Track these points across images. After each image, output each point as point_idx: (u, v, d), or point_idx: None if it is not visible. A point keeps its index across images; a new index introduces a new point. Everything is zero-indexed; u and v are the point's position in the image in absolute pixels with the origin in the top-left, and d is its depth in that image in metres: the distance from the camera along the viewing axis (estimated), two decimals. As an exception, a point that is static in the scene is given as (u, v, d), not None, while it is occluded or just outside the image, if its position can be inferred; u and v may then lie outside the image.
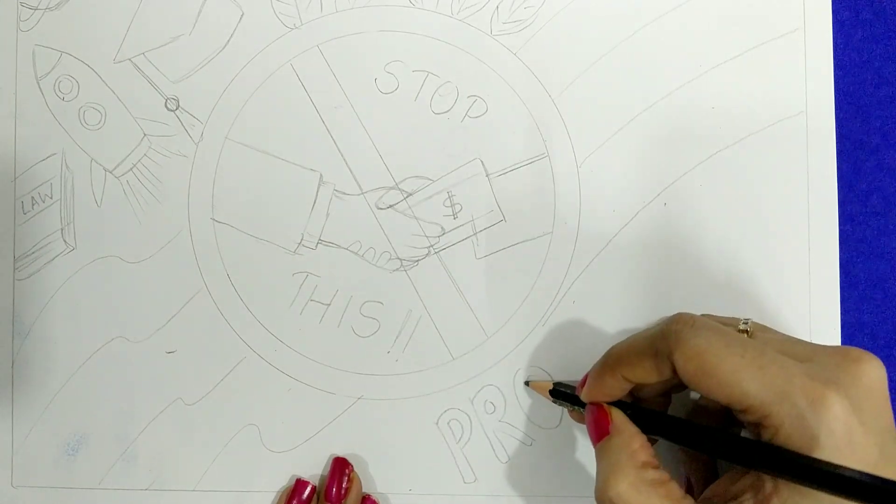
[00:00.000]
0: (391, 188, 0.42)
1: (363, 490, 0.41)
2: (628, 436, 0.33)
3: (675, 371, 0.32)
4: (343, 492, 0.40)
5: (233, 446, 0.42)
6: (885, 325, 0.42)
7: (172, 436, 0.42)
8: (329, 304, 0.42)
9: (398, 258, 0.42)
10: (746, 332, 0.34)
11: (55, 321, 0.42)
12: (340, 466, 0.41)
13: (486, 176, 0.42)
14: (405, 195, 0.42)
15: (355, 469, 0.41)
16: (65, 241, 0.42)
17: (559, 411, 0.41)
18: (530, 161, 0.42)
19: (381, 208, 0.42)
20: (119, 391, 0.42)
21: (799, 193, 0.41)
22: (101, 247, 0.42)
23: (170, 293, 0.42)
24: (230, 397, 0.42)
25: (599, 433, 0.34)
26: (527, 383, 0.41)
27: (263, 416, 0.42)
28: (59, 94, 0.42)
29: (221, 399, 0.42)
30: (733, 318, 0.36)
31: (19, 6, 0.43)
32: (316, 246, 0.42)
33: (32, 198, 0.42)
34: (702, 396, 0.37)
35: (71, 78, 0.42)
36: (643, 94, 0.41)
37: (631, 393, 0.36)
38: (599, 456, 0.34)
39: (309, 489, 0.41)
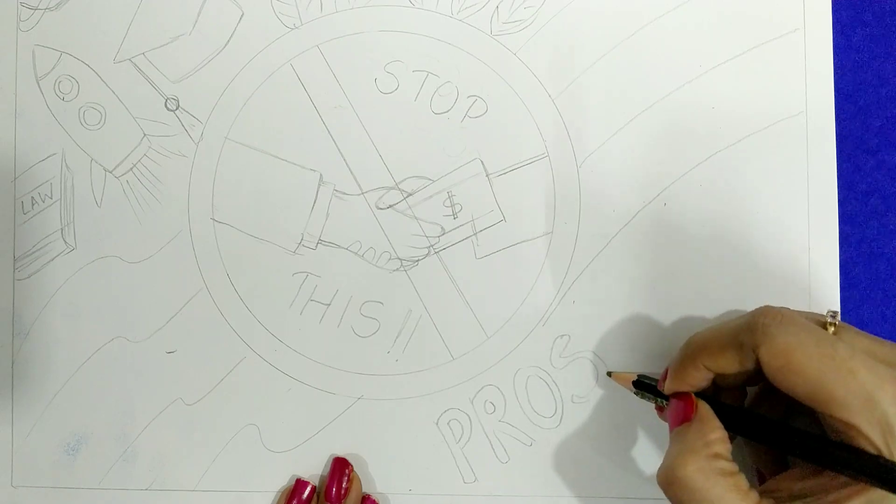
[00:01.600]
0: (391, 188, 0.42)
1: (363, 490, 0.41)
2: (708, 426, 0.33)
3: (758, 364, 0.31)
4: (343, 492, 0.40)
5: (233, 446, 0.42)
6: (885, 325, 0.42)
7: (172, 436, 0.42)
8: (329, 304, 0.42)
9: (398, 258, 0.42)
10: (834, 325, 0.34)
11: (55, 321, 0.42)
12: (340, 466, 0.41)
13: (486, 176, 0.42)
14: (405, 195, 0.42)
15: (355, 469, 0.41)
16: (65, 241, 0.42)
17: (559, 411, 0.41)
18: (530, 161, 0.42)
19: (381, 208, 0.42)
20: (119, 391, 0.42)
21: (799, 193, 0.41)
22: (101, 247, 0.42)
23: (170, 293, 0.42)
24: (230, 397, 0.42)
25: (680, 419, 0.34)
26: (609, 374, 0.41)
27: (263, 416, 0.42)
28: (59, 94, 0.42)
29: (221, 399, 0.42)
30: (816, 314, 0.35)
31: (19, 6, 0.43)
32: (316, 246, 0.42)
33: (32, 198, 0.42)
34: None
35: (71, 78, 0.42)
36: (643, 94, 0.41)
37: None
38: (674, 439, 0.34)
39: (309, 489, 0.41)
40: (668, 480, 0.32)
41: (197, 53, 0.42)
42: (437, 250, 0.42)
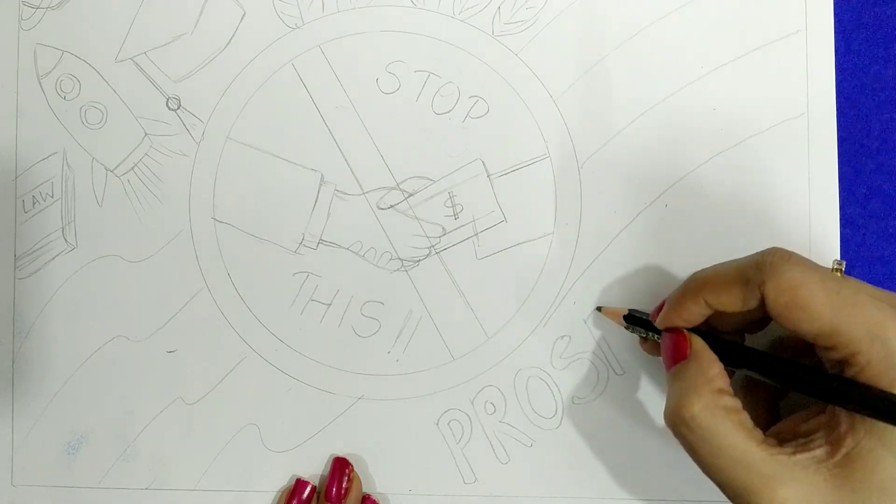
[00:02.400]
0: (392, 188, 0.42)
1: (363, 490, 0.41)
2: (706, 361, 0.33)
3: (761, 302, 0.31)
4: (343, 492, 0.40)
5: (233, 446, 0.42)
6: (886, 328, 0.42)
7: (173, 435, 0.42)
8: (330, 304, 0.42)
9: (399, 258, 0.42)
10: (840, 272, 0.33)
11: (56, 320, 0.42)
12: (340, 466, 0.41)
13: (488, 176, 0.42)
14: (406, 195, 0.42)
15: (355, 469, 0.41)
16: (66, 240, 0.42)
17: (559, 412, 0.41)
18: (531, 162, 0.42)
19: (383, 208, 0.42)
20: (119, 390, 0.42)
21: (800, 195, 0.41)
22: (101, 246, 0.42)
23: (170, 292, 0.42)
24: (231, 397, 0.42)
25: (676, 357, 0.34)
26: (598, 309, 0.41)
27: (264, 416, 0.42)
28: (61, 93, 0.42)
29: (222, 398, 0.42)
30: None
31: (21, 5, 0.43)
32: (317, 246, 0.42)
33: (33, 197, 0.42)
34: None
35: (72, 77, 0.42)
36: (644, 95, 0.41)
37: (706, 324, 0.36)
38: (673, 379, 0.33)
39: (309, 489, 0.41)
40: (675, 421, 0.32)
41: (198, 53, 0.42)
42: (437, 251, 0.42)
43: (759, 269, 0.32)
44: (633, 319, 0.38)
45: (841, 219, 0.41)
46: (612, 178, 0.41)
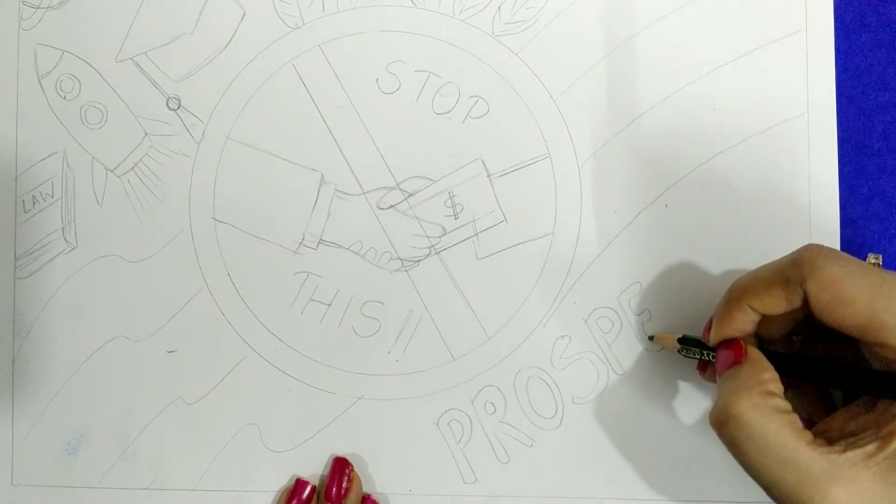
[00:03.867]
0: (392, 188, 0.42)
1: (363, 490, 0.41)
2: (760, 366, 0.33)
3: (805, 301, 0.31)
4: (343, 492, 0.40)
5: (233, 446, 0.42)
6: (886, 328, 0.42)
7: (173, 435, 0.42)
8: (330, 304, 0.42)
9: (399, 258, 0.42)
10: (878, 265, 0.34)
11: (56, 320, 0.42)
12: (340, 466, 0.41)
13: (488, 176, 0.42)
14: (406, 195, 0.42)
15: (355, 469, 0.41)
16: (66, 239, 0.42)
17: (560, 412, 0.41)
18: (532, 162, 0.42)
19: (383, 208, 0.42)
20: (120, 390, 0.42)
21: (800, 195, 0.41)
22: (102, 246, 0.42)
23: (171, 292, 0.42)
24: (231, 397, 0.42)
25: (730, 363, 0.33)
26: (651, 338, 0.40)
27: (264, 416, 0.42)
28: (61, 92, 0.42)
29: (222, 398, 0.42)
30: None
31: (21, 5, 0.43)
32: (317, 246, 0.42)
33: (34, 196, 0.42)
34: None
35: (72, 77, 0.42)
36: (645, 94, 0.41)
37: (756, 336, 0.35)
38: (724, 381, 0.33)
39: (309, 489, 0.41)
40: (722, 419, 0.31)
41: (199, 53, 0.42)
42: (438, 250, 0.42)
43: (798, 267, 0.31)
44: (688, 341, 0.38)
45: (841, 219, 0.41)
46: (612, 178, 0.41)
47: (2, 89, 0.43)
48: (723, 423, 0.31)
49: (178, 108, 0.42)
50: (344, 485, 0.40)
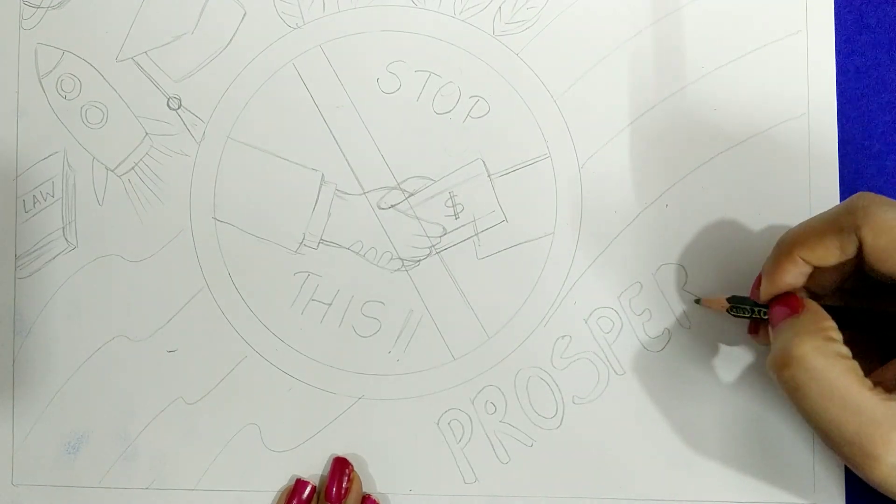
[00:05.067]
0: (393, 188, 0.42)
1: (363, 490, 0.41)
2: (819, 314, 0.32)
3: (858, 251, 0.31)
4: (343, 492, 0.40)
5: (233, 445, 0.42)
6: (886, 328, 0.42)
7: (173, 435, 0.42)
8: (330, 304, 0.42)
9: (399, 258, 0.42)
10: None
11: (56, 320, 0.42)
12: (340, 466, 0.41)
13: (488, 176, 0.42)
14: (407, 195, 0.42)
15: (355, 469, 0.41)
16: (66, 239, 0.42)
17: (560, 412, 0.41)
18: (532, 162, 0.42)
19: (383, 208, 0.42)
20: (120, 390, 0.42)
21: (801, 196, 0.41)
22: (102, 245, 0.42)
23: (171, 292, 0.42)
24: (231, 396, 0.42)
25: (786, 313, 0.33)
26: (697, 301, 0.40)
27: (264, 416, 0.42)
28: (62, 92, 0.42)
29: (222, 398, 0.42)
30: None
31: (21, 5, 0.43)
32: (317, 245, 0.42)
33: (34, 196, 0.42)
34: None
35: (73, 76, 0.42)
36: (645, 94, 0.41)
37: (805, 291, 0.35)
38: (781, 330, 0.32)
39: (309, 489, 0.41)
40: (783, 361, 0.31)
41: (199, 52, 0.42)
42: (438, 250, 0.42)
43: (852, 214, 0.31)
44: (738, 300, 0.37)
45: (841, 219, 0.41)
46: (613, 178, 0.41)
47: (2, 89, 0.43)
48: (784, 366, 0.31)
49: (179, 107, 0.42)
50: (344, 485, 0.40)
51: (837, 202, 0.41)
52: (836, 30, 0.41)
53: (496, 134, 0.42)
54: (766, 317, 0.36)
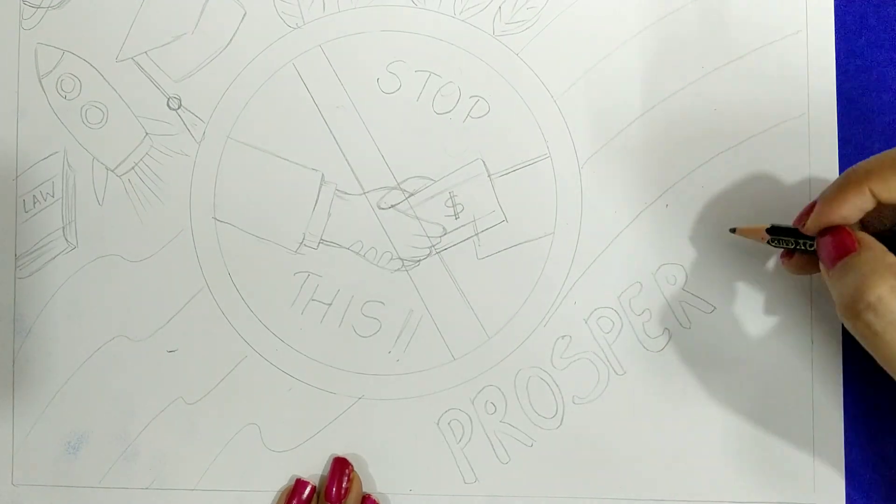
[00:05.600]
0: (393, 188, 0.42)
1: (363, 490, 0.41)
2: (881, 250, 0.30)
3: None
4: (343, 492, 0.40)
5: (233, 445, 0.42)
6: (886, 328, 0.42)
7: (173, 435, 0.42)
8: (330, 304, 0.42)
9: (399, 258, 0.42)
10: None
11: (56, 320, 0.42)
12: (340, 466, 0.41)
13: (488, 176, 0.42)
14: (407, 195, 0.42)
15: (355, 469, 0.41)
16: (66, 239, 0.42)
17: (560, 412, 0.41)
18: (532, 162, 0.42)
19: (383, 208, 0.42)
20: (120, 390, 0.42)
21: (801, 194, 0.41)
22: (102, 245, 0.42)
23: (171, 292, 0.42)
24: (231, 396, 0.42)
25: (842, 252, 0.31)
26: (732, 230, 0.38)
27: (264, 416, 0.42)
28: (62, 92, 0.42)
29: (222, 398, 0.42)
30: None
31: (21, 5, 0.43)
32: (317, 245, 0.42)
33: (34, 196, 0.42)
34: None
35: (73, 76, 0.42)
36: (645, 95, 0.41)
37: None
38: (843, 271, 0.31)
39: (309, 489, 0.41)
40: (858, 307, 0.29)
41: (199, 52, 0.42)
42: (438, 250, 0.42)
43: None
44: (780, 231, 0.35)
45: (841, 219, 0.41)
46: (613, 178, 0.41)
47: (2, 89, 0.43)
48: (860, 313, 0.29)
49: (179, 107, 0.42)
50: (344, 485, 0.40)
51: (837, 202, 0.41)
52: (836, 30, 0.41)
53: (496, 134, 0.42)
54: (811, 248, 0.34)
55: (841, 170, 0.41)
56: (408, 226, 0.42)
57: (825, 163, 0.41)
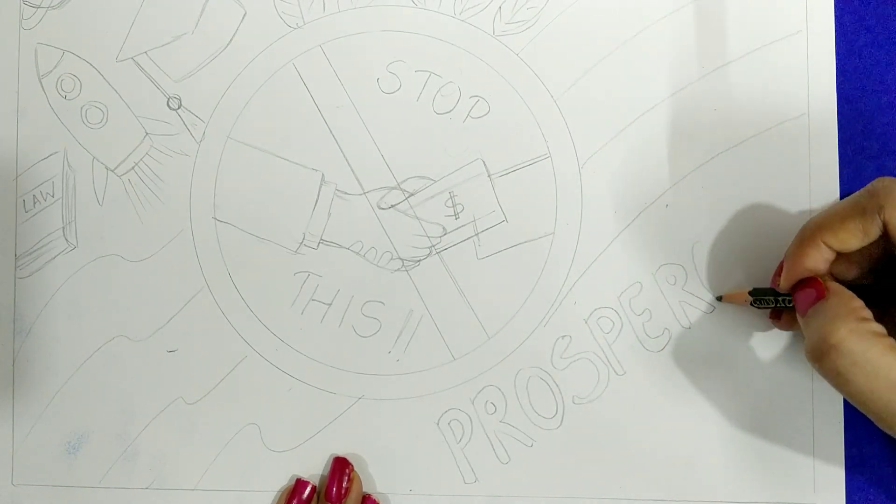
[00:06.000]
0: (393, 188, 0.42)
1: (363, 490, 0.41)
2: (847, 296, 0.32)
3: (883, 232, 0.31)
4: (343, 492, 0.40)
5: (233, 445, 0.42)
6: (886, 328, 0.42)
7: (173, 435, 0.42)
8: (330, 304, 0.42)
9: (400, 258, 0.42)
10: None
11: (56, 320, 0.42)
12: (341, 466, 0.41)
13: (488, 176, 0.42)
14: (407, 195, 0.42)
15: (355, 469, 0.41)
16: (66, 239, 0.42)
17: (560, 412, 0.41)
18: (532, 162, 0.42)
19: (383, 208, 0.42)
20: (120, 390, 0.42)
21: (801, 195, 0.41)
22: (102, 245, 0.42)
23: (171, 292, 0.42)
24: (231, 396, 0.42)
25: (812, 299, 0.33)
26: (719, 298, 0.40)
27: (264, 416, 0.42)
28: (62, 92, 0.42)
29: (222, 398, 0.42)
30: None
31: (22, 4, 0.43)
32: (318, 245, 0.42)
33: (34, 196, 0.42)
34: None
35: (73, 76, 0.42)
36: (645, 95, 0.41)
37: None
38: (812, 317, 0.33)
39: (309, 489, 0.41)
40: (822, 350, 0.31)
41: (199, 52, 0.42)
42: (438, 250, 0.42)
43: (874, 196, 0.31)
44: (760, 292, 0.38)
45: (841, 219, 0.41)
46: (613, 178, 0.41)
47: (2, 89, 0.43)
48: (824, 355, 0.31)
49: (179, 107, 0.42)
50: (344, 485, 0.40)
51: (838, 200, 0.41)
52: (836, 30, 0.41)
53: (496, 134, 0.42)
54: (790, 305, 0.36)
55: (841, 170, 0.41)
56: (408, 226, 0.42)
57: (825, 163, 0.41)
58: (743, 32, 0.41)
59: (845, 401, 0.40)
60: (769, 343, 0.40)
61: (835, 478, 0.40)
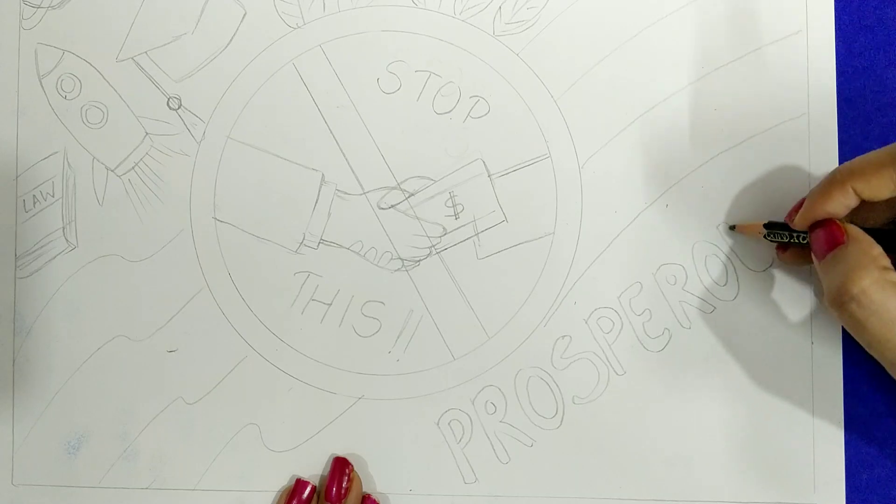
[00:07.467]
0: (393, 188, 0.42)
1: (363, 490, 0.41)
2: (867, 243, 0.32)
3: None
4: (343, 492, 0.40)
5: (233, 445, 0.42)
6: (886, 328, 0.42)
7: (173, 435, 0.42)
8: (330, 304, 0.42)
9: (400, 258, 0.42)
10: None
11: (56, 319, 0.42)
12: (341, 466, 0.41)
13: (488, 176, 0.42)
14: (407, 195, 0.42)
15: (355, 469, 0.41)
16: (66, 239, 0.42)
17: (560, 412, 0.41)
18: (532, 162, 0.42)
19: (383, 208, 0.42)
20: (120, 390, 0.42)
21: (801, 194, 0.41)
22: (102, 245, 0.42)
23: (171, 292, 0.42)
24: (231, 396, 0.42)
25: (831, 244, 0.33)
26: (732, 227, 0.40)
27: (264, 416, 0.42)
28: (62, 92, 0.42)
29: (222, 398, 0.42)
30: None
31: (22, 4, 0.43)
32: (318, 245, 0.42)
33: (34, 196, 0.42)
34: None
35: (73, 76, 0.42)
36: (645, 95, 0.41)
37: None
38: (831, 264, 0.33)
39: (309, 489, 0.41)
40: (844, 299, 0.31)
41: (199, 52, 0.42)
42: (438, 250, 0.42)
43: None
44: (775, 226, 0.37)
45: (841, 219, 0.41)
46: (613, 178, 0.41)
47: (2, 89, 0.43)
48: (844, 304, 0.31)
49: (179, 107, 0.42)
50: (344, 485, 0.40)
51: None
52: (836, 30, 0.41)
53: (496, 134, 0.42)
54: (804, 241, 0.36)
55: (841, 170, 0.41)
56: (408, 226, 0.42)
57: (825, 163, 0.41)
58: (743, 32, 0.41)
59: (845, 399, 0.40)
60: (769, 343, 0.40)
61: (835, 478, 0.40)
